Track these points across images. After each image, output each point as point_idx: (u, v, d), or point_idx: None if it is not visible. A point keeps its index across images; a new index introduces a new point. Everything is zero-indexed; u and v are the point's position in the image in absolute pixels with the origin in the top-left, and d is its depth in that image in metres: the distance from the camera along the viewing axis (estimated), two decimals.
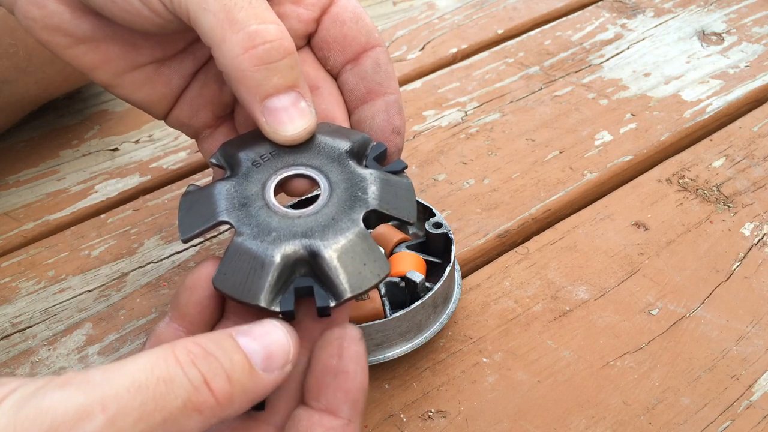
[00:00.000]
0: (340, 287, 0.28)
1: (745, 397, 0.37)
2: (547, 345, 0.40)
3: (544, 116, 0.57)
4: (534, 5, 0.71)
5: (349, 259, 0.28)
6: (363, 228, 0.29)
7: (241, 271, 0.28)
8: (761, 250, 0.45)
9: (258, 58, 0.29)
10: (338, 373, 0.27)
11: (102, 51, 0.34)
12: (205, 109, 0.37)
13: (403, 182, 0.32)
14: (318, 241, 0.28)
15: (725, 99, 0.58)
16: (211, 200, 0.30)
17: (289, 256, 0.28)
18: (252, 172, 0.31)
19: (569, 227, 0.47)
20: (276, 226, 0.29)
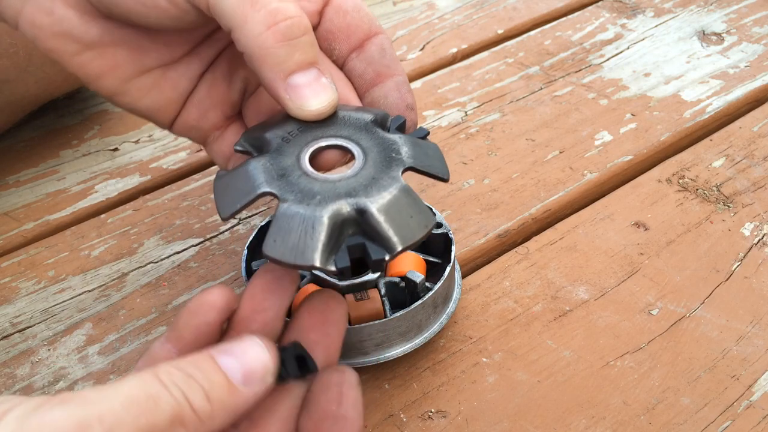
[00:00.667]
0: (391, 240, 0.28)
1: (745, 397, 0.37)
2: (547, 345, 0.40)
3: (544, 116, 0.57)
4: (534, 5, 0.71)
5: (396, 212, 0.29)
6: (404, 183, 0.30)
7: (292, 235, 0.28)
8: (761, 250, 0.45)
9: (281, 34, 0.29)
10: (338, 420, 0.28)
11: (110, 56, 0.34)
12: (214, 110, 0.37)
13: (431, 144, 0.33)
14: (363, 198, 0.29)
15: (725, 99, 0.58)
16: (247, 176, 0.30)
17: (337, 215, 0.28)
18: (283, 146, 0.31)
19: (569, 227, 0.47)
20: (319, 190, 0.29)
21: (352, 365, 0.37)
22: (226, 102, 0.37)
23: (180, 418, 0.24)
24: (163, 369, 0.25)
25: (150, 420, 0.23)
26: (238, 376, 0.26)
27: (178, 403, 0.24)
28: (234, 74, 0.36)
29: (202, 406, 0.25)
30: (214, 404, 0.25)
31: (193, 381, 0.25)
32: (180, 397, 0.24)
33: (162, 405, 0.24)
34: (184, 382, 0.25)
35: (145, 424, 0.23)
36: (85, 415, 0.22)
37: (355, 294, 0.38)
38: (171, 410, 0.24)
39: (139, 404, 0.23)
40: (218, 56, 0.36)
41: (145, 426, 0.23)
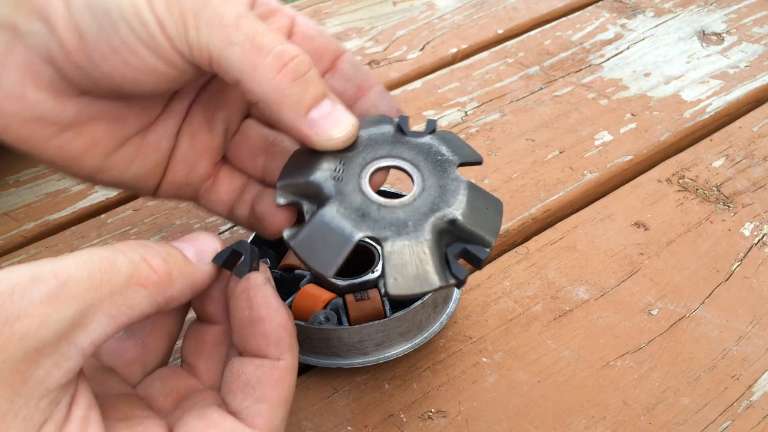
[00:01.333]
0: (485, 237, 0.31)
1: (745, 397, 0.37)
2: (547, 345, 0.40)
3: (544, 116, 0.57)
4: (534, 5, 0.71)
5: (477, 210, 0.31)
6: (467, 180, 0.32)
7: (408, 268, 0.29)
8: (761, 250, 0.45)
9: (292, 73, 0.30)
10: (253, 322, 0.29)
11: (88, 133, 0.32)
12: (201, 160, 0.36)
13: (451, 134, 0.35)
14: (446, 208, 0.31)
15: (725, 99, 0.58)
16: (332, 228, 0.30)
17: (435, 233, 0.30)
18: (340, 186, 0.31)
19: (569, 227, 0.47)
20: (406, 217, 0.30)
21: (352, 365, 0.37)
22: (211, 149, 0.36)
23: (138, 278, 0.25)
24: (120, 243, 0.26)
25: (105, 277, 0.24)
26: (191, 254, 0.28)
27: (135, 264, 0.25)
28: (213, 119, 0.36)
29: (159, 265, 0.26)
30: (172, 267, 0.27)
31: (150, 247, 0.27)
32: (137, 258, 0.26)
33: (118, 265, 0.25)
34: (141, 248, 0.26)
35: (100, 280, 0.24)
36: (39, 270, 0.23)
37: (355, 294, 0.38)
38: (127, 270, 0.25)
39: (94, 263, 0.24)
40: (191, 106, 0.36)
41: (100, 281, 0.24)
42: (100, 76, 0.30)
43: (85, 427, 0.24)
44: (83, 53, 0.29)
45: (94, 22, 0.29)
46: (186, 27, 0.29)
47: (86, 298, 0.24)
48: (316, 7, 0.72)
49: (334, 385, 0.38)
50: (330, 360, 0.37)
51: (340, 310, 0.39)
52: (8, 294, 0.22)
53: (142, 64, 0.29)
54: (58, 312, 0.23)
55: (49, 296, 0.23)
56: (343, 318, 0.38)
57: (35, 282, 0.23)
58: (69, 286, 0.23)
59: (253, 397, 0.27)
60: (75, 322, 0.23)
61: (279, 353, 0.28)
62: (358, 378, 0.38)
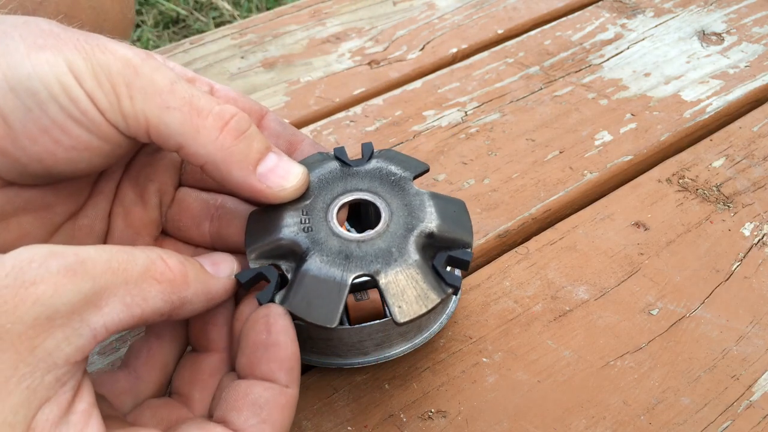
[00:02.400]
0: (464, 240, 0.31)
1: (745, 397, 0.37)
2: (547, 345, 0.40)
3: (544, 116, 0.57)
4: (534, 5, 0.71)
5: (447, 217, 0.32)
6: (427, 192, 0.33)
7: (408, 293, 0.30)
8: (761, 250, 0.45)
9: (235, 130, 0.30)
10: (269, 346, 0.29)
11: (15, 226, 0.31)
12: (140, 237, 0.36)
13: (396, 152, 0.36)
14: (421, 224, 0.31)
15: (725, 99, 0.58)
16: (324, 281, 0.30)
17: (420, 253, 0.30)
18: (314, 236, 0.31)
19: (569, 227, 0.47)
20: (386, 245, 0.31)
21: (352, 365, 0.37)
22: (149, 224, 0.36)
23: (153, 273, 0.26)
24: (137, 246, 0.27)
25: (123, 265, 0.25)
26: (207, 264, 0.29)
27: (152, 260, 0.26)
28: (145, 193, 0.35)
29: (176, 265, 0.27)
30: (188, 269, 0.27)
31: (169, 252, 0.27)
32: (155, 256, 0.26)
33: (135, 257, 0.25)
34: (161, 251, 0.27)
35: (117, 267, 0.25)
36: (59, 247, 0.24)
37: (355, 294, 0.38)
38: (144, 263, 0.26)
39: (112, 251, 0.25)
40: (120, 184, 0.35)
41: (117, 268, 0.25)
42: (28, 161, 0.29)
43: (87, 420, 0.24)
44: (9, 138, 0.28)
45: (19, 105, 0.27)
46: (119, 98, 0.28)
47: (102, 279, 0.24)
48: (316, 7, 0.72)
49: (334, 385, 0.38)
50: (330, 360, 0.37)
51: None
52: (27, 262, 0.23)
53: (75, 141, 0.29)
54: (74, 284, 0.23)
55: (66, 269, 0.23)
56: (343, 318, 0.38)
57: (54, 255, 0.23)
58: (87, 264, 0.24)
59: (260, 417, 0.27)
60: (89, 299, 0.24)
61: (288, 381, 0.28)
62: (358, 378, 0.38)
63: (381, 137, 0.55)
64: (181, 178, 0.37)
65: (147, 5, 1.78)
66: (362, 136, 0.55)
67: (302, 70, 0.63)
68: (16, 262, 0.23)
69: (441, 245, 0.31)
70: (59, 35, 0.28)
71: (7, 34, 0.28)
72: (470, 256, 0.31)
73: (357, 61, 0.64)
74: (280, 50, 0.66)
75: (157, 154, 0.36)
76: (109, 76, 0.28)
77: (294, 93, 0.61)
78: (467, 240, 0.32)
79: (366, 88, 0.61)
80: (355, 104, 0.59)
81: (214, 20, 1.73)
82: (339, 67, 0.64)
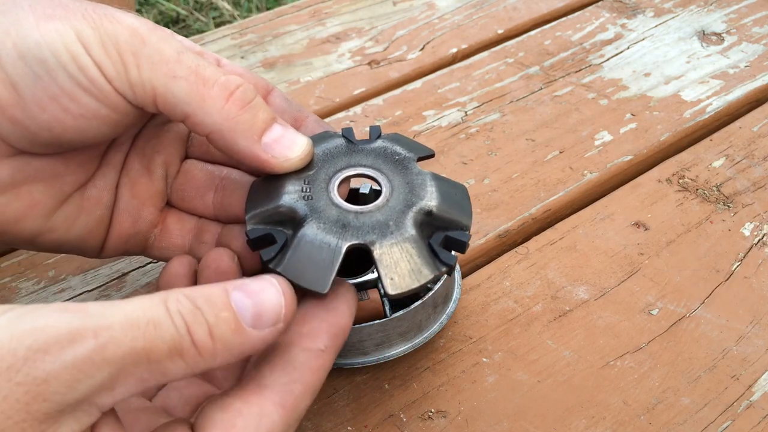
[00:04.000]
0: (462, 222, 0.32)
1: (745, 397, 0.37)
2: (547, 345, 0.40)
3: (544, 116, 0.57)
4: (534, 5, 0.71)
5: (448, 198, 0.32)
6: (430, 172, 0.33)
7: (401, 265, 0.30)
8: (761, 250, 0.45)
9: (240, 100, 0.30)
10: (329, 309, 0.29)
11: (25, 195, 0.31)
12: (146, 207, 0.36)
13: (403, 136, 0.36)
14: (421, 202, 0.31)
15: (725, 99, 0.58)
16: (319, 245, 0.30)
17: (417, 228, 0.30)
18: (313, 204, 0.31)
19: (569, 227, 0.47)
20: (384, 218, 0.31)
21: (352, 365, 0.37)
22: (154, 195, 0.36)
23: (179, 350, 0.24)
24: (173, 296, 0.25)
25: (147, 345, 0.23)
26: (247, 317, 0.25)
27: (179, 334, 0.24)
28: (151, 165, 0.36)
29: (203, 341, 0.24)
30: (216, 341, 0.24)
31: (200, 313, 0.24)
32: (182, 327, 0.24)
33: (162, 333, 0.23)
34: (189, 313, 0.24)
35: (141, 348, 0.23)
36: (81, 325, 0.22)
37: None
38: (171, 339, 0.24)
39: (139, 327, 0.23)
40: (127, 156, 0.36)
41: (141, 350, 0.23)
42: (38, 129, 0.29)
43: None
44: (19, 106, 0.28)
45: (28, 72, 0.28)
46: (126, 67, 0.28)
47: (121, 363, 0.23)
48: (316, 7, 0.72)
49: (334, 385, 0.38)
50: None
51: None
52: (41, 353, 0.21)
53: (83, 109, 0.29)
54: (89, 378, 0.22)
55: (83, 359, 0.22)
56: None
57: (72, 342, 0.22)
58: (107, 349, 0.22)
59: (291, 377, 0.27)
60: (103, 385, 0.23)
61: (327, 346, 0.28)
62: (358, 378, 0.38)
63: None
64: (187, 150, 0.37)
65: (147, 5, 1.78)
66: (363, 136, 0.55)
67: (302, 70, 0.63)
68: (29, 352, 0.21)
69: (439, 225, 0.31)
70: (68, 5, 0.29)
71: (17, 4, 0.28)
72: (468, 237, 0.31)
73: (357, 61, 0.64)
74: (280, 50, 0.66)
75: (164, 127, 0.36)
76: (116, 45, 0.28)
77: (294, 93, 0.60)
78: (466, 222, 0.32)
79: (366, 88, 0.61)
80: (355, 104, 0.59)
81: (214, 20, 1.73)
82: (339, 67, 0.64)
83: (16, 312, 0.22)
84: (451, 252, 0.31)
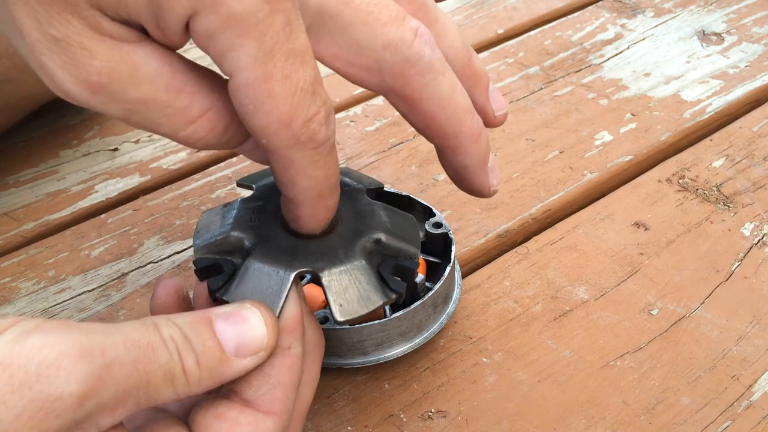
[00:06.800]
0: (410, 250, 0.32)
1: (745, 397, 0.37)
2: (547, 345, 0.40)
3: (544, 116, 0.57)
4: (534, 5, 0.71)
5: (396, 227, 0.32)
6: (377, 202, 0.33)
7: (350, 291, 0.30)
8: (761, 250, 0.45)
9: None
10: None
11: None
12: None
13: (352, 170, 0.37)
14: (370, 231, 0.31)
15: (725, 99, 0.58)
16: (267, 273, 0.29)
17: (367, 257, 0.31)
18: (262, 233, 0.31)
19: (569, 227, 0.47)
20: (334, 246, 0.31)
21: (352, 365, 0.37)
22: None
23: (172, 376, 0.24)
24: (162, 322, 0.25)
25: (147, 368, 0.24)
26: (231, 347, 0.26)
27: (173, 360, 0.24)
28: None
29: (192, 369, 0.25)
30: (202, 371, 0.25)
31: (188, 342, 0.25)
32: (175, 353, 0.25)
33: (159, 356, 0.24)
34: (180, 340, 0.25)
35: (142, 370, 0.23)
36: (89, 342, 0.22)
37: None
38: (167, 364, 0.24)
39: (140, 348, 0.24)
40: None
41: (143, 372, 0.23)
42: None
43: None
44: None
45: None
46: None
47: (125, 385, 0.23)
48: None
49: (334, 385, 0.38)
50: (330, 360, 0.37)
51: None
52: (54, 368, 0.22)
53: None
54: (97, 396, 0.22)
55: (93, 376, 0.22)
56: None
57: (83, 357, 0.22)
58: (113, 368, 0.23)
59: (269, 384, 0.27)
60: (107, 406, 0.23)
61: (290, 342, 0.28)
62: (358, 378, 0.38)
63: (381, 137, 0.55)
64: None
65: None
66: (362, 137, 0.55)
67: None
68: (41, 368, 0.21)
69: (388, 253, 0.31)
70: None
71: None
72: (416, 265, 0.31)
73: None
74: None
75: None
76: None
77: None
78: (414, 251, 0.32)
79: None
80: (355, 104, 0.59)
81: None
82: None
83: (21, 327, 0.22)
84: (399, 280, 0.31)
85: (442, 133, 0.31)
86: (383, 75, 0.29)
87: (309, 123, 0.25)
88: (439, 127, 0.31)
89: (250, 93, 0.24)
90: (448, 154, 0.32)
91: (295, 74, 0.25)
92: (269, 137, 0.25)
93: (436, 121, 0.30)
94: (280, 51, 0.24)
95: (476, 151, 0.32)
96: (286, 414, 0.28)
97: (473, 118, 0.31)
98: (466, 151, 0.32)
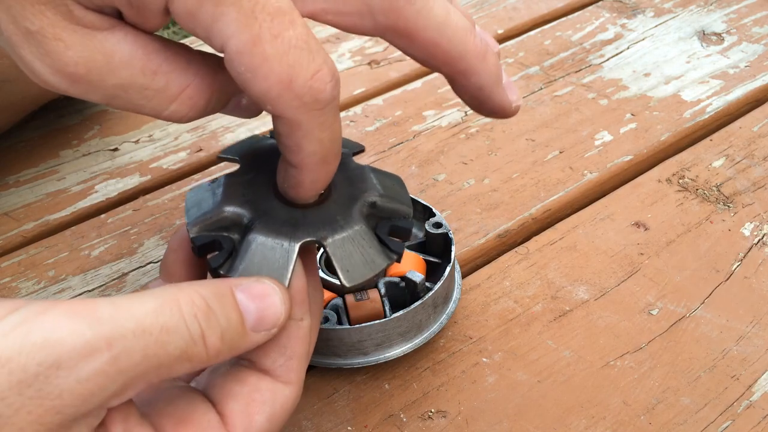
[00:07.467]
0: (403, 210, 0.32)
1: (745, 397, 0.37)
2: (547, 345, 0.40)
3: (544, 116, 0.57)
4: (534, 5, 0.71)
5: (387, 188, 0.32)
6: (365, 165, 0.33)
7: (354, 256, 0.30)
8: (761, 250, 0.45)
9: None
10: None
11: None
12: None
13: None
14: (364, 194, 0.31)
15: (725, 99, 0.58)
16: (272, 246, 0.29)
17: (366, 220, 0.31)
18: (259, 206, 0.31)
19: (569, 227, 0.47)
20: (332, 214, 0.31)
21: (352, 365, 0.37)
22: None
23: (189, 354, 0.24)
24: (185, 296, 0.24)
25: (159, 354, 0.23)
26: (251, 320, 0.26)
27: (192, 340, 0.24)
28: None
29: (214, 343, 0.25)
30: (224, 345, 0.25)
31: (213, 316, 0.25)
32: (196, 333, 0.24)
33: (175, 339, 0.23)
34: (204, 317, 0.24)
35: (153, 356, 0.23)
36: (94, 336, 0.22)
37: (355, 294, 0.38)
38: (184, 345, 0.24)
39: (152, 335, 0.23)
40: None
41: (153, 359, 0.23)
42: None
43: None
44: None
45: None
46: None
47: (133, 372, 0.23)
48: None
49: (334, 385, 0.38)
50: (330, 360, 0.37)
51: (340, 310, 0.39)
52: (54, 368, 0.21)
53: None
54: (102, 390, 0.22)
55: (97, 373, 0.22)
56: (343, 318, 0.38)
57: (86, 356, 0.22)
58: (120, 360, 0.22)
59: (285, 355, 0.28)
60: (115, 394, 0.23)
61: (301, 314, 0.28)
62: (358, 378, 0.38)
63: (381, 137, 0.55)
64: None
65: None
66: (362, 136, 0.55)
67: None
68: (40, 368, 0.21)
69: (383, 215, 0.32)
70: None
71: None
72: (412, 224, 0.32)
73: (357, 61, 0.64)
74: None
75: None
76: None
77: None
78: (407, 211, 0.32)
79: (366, 88, 0.61)
80: (355, 104, 0.59)
81: None
82: (339, 66, 0.63)
83: (22, 315, 0.22)
84: (398, 240, 0.31)
85: (448, 58, 0.30)
86: (375, 15, 0.28)
87: (311, 82, 0.25)
88: (442, 53, 0.30)
89: (244, 59, 0.24)
90: (459, 80, 0.31)
91: (284, 33, 0.24)
92: (273, 102, 0.25)
93: (439, 46, 0.29)
94: (262, 11, 0.24)
95: (486, 68, 0.31)
96: (300, 383, 0.28)
97: (475, 36, 0.30)
98: (476, 70, 0.30)
